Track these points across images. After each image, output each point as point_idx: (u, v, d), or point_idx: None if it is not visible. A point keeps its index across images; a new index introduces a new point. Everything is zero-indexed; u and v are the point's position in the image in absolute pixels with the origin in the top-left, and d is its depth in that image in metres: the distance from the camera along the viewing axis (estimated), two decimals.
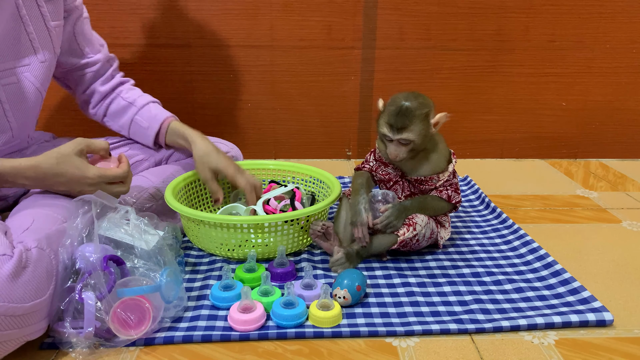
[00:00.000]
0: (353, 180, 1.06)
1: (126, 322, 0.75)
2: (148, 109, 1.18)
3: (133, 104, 1.18)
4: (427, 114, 0.95)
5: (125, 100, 1.18)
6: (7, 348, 0.70)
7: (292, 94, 1.68)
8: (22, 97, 1.00)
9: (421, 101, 0.96)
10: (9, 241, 0.73)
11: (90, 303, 0.73)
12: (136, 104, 1.18)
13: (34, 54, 1.00)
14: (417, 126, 0.95)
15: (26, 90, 1.00)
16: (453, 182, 1.04)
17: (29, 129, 1.07)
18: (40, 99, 1.06)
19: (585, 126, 1.76)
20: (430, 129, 0.97)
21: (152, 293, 0.77)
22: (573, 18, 1.63)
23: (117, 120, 1.20)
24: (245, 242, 1.00)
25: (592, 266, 1.04)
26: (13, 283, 0.68)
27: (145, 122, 1.17)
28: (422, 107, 0.95)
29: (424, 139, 0.96)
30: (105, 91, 1.18)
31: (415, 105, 0.95)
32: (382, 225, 0.98)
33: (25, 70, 0.99)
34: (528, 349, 0.78)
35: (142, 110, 1.17)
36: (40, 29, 1.01)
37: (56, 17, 1.05)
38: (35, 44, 1.00)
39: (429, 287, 0.94)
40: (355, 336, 0.81)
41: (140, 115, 1.17)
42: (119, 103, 1.19)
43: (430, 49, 1.64)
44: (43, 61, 1.02)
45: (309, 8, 1.59)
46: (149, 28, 1.57)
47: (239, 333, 0.80)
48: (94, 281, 0.75)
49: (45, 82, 1.06)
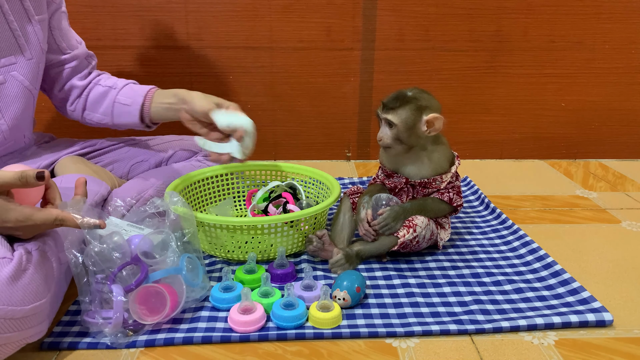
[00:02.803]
0: (365, 191, 1.07)
1: (148, 308, 0.78)
2: (129, 87, 1.13)
3: (112, 87, 1.13)
4: (420, 106, 0.95)
5: (104, 86, 1.13)
6: (7, 351, 0.70)
7: (291, 95, 1.68)
8: (11, 98, 0.97)
9: (423, 95, 0.96)
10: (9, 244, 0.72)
11: (119, 293, 0.75)
12: (116, 87, 1.13)
13: (19, 51, 0.97)
14: (405, 112, 0.95)
15: (15, 90, 0.98)
16: (455, 184, 1.04)
17: (23, 130, 1.06)
18: (32, 99, 1.04)
19: (584, 126, 1.76)
20: (421, 125, 0.96)
21: (174, 275, 0.81)
22: (572, 18, 1.63)
23: (98, 108, 1.14)
24: (245, 243, 1.00)
25: (591, 266, 1.04)
26: (12, 286, 0.67)
27: (127, 100, 1.11)
28: (418, 100, 0.95)
29: (409, 131, 0.96)
30: (83, 85, 1.14)
31: (413, 94, 0.96)
32: (380, 226, 0.98)
33: (12, 69, 0.96)
34: (528, 350, 0.78)
35: (123, 89, 1.13)
36: (25, 24, 0.98)
37: (39, 10, 1.01)
38: (21, 40, 0.97)
39: (429, 288, 0.94)
40: (355, 337, 0.81)
41: (122, 94, 1.12)
42: (98, 90, 1.14)
43: (430, 49, 1.65)
44: (30, 58, 0.99)
45: (309, 9, 1.59)
46: (149, 30, 1.58)
47: (239, 334, 0.80)
48: (125, 273, 0.78)
49: (36, 81, 1.03)
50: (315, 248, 1.01)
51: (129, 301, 0.77)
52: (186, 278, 0.82)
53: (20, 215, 0.70)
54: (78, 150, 1.18)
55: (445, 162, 1.02)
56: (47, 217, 0.71)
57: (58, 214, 0.72)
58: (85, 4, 1.53)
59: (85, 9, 1.54)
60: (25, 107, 1.02)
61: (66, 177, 1.02)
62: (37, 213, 0.71)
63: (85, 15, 1.54)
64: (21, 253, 0.71)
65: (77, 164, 1.11)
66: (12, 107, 0.99)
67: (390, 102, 0.97)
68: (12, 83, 0.97)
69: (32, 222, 0.71)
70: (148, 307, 0.79)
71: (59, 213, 0.72)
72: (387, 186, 1.07)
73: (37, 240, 0.75)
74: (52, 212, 0.72)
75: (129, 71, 1.61)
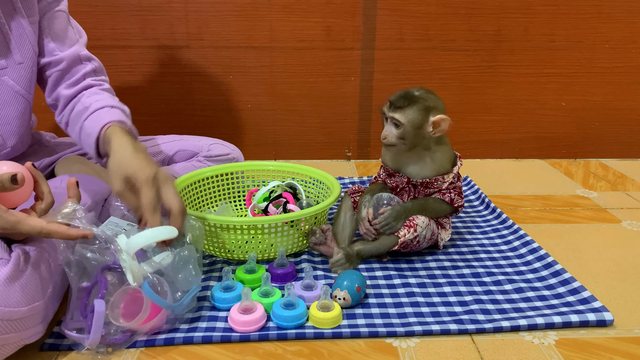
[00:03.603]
0: (366, 190, 1.07)
1: (128, 312, 0.76)
2: (98, 113, 0.95)
3: (88, 108, 0.97)
4: (428, 107, 0.95)
5: (83, 104, 0.99)
6: (5, 352, 0.70)
7: (291, 94, 1.68)
8: (2, 104, 0.93)
9: (430, 96, 0.96)
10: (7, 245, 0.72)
11: (100, 311, 0.72)
12: (90, 108, 0.96)
13: (10, 54, 0.93)
14: (413, 112, 0.95)
15: (5, 96, 0.94)
16: (457, 185, 1.04)
17: (21, 136, 1.01)
18: (27, 105, 0.99)
19: (585, 126, 1.76)
20: (427, 125, 0.96)
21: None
22: (573, 18, 1.63)
23: (73, 128, 1.00)
24: (245, 243, 1.00)
25: (592, 266, 1.04)
26: (10, 287, 0.67)
27: (90, 129, 0.95)
28: (426, 100, 0.95)
29: (415, 131, 0.96)
30: (69, 95, 1.02)
31: (420, 94, 0.95)
32: (380, 225, 0.98)
33: (3, 73, 0.93)
34: (528, 349, 0.78)
35: (93, 115, 0.96)
36: (16, 26, 0.94)
37: (31, 12, 0.97)
38: (12, 44, 0.93)
39: (429, 288, 0.94)
40: (356, 337, 0.81)
41: (89, 120, 0.96)
42: (77, 109, 0.99)
43: (430, 49, 1.64)
44: (21, 62, 0.95)
45: (309, 9, 1.59)
46: (149, 29, 1.58)
47: (239, 334, 0.80)
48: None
49: (29, 86, 0.98)
50: (317, 240, 1.01)
51: (111, 303, 0.74)
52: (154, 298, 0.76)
53: (5, 223, 0.68)
54: (79, 150, 1.18)
55: (448, 163, 1.02)
56: (32, 229, 0.69)
57: (43, 227, 0.69)
58: (85, 4, 1.53)
59: (85, 8, 1.54)
60: (21, 114, 0.97)
61: (66, 178, 1.02)
62: (22, 222, 0.69)
63: (85, 15, 1.53)
64: (18, 254, 0.70)
65: (77, 164, 1.11)
66: (5, 114, 0.95)
67: (398, 100, 0.96)
68: (2, 89, 0.93)
69: (17, 230, 0.69)
70: (129, 311, 0.76)
71: (44, 226, 0.69)
72: (388, 185, 1.07)
73: (34, 241, 0.75)
74: (37, 223, 0.70)
75: (129, 71, 1.61)
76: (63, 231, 0.71)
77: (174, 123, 1.60)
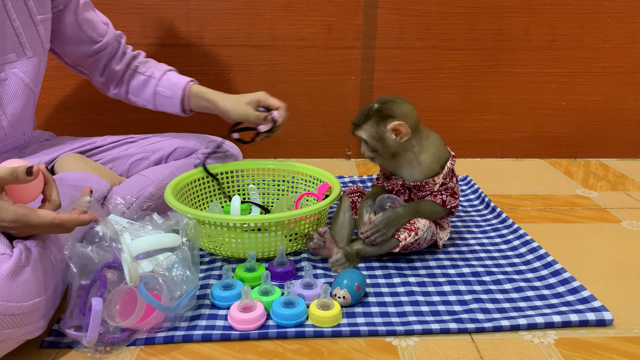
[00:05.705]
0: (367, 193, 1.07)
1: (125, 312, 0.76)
2: (167, 78, 1.20)
3: (152, 76, 1.20)
4: (382, 117, 0.95)
5: (144, 74, 1.21)
6: (6, 347, 0.70)
7: (292, 93, 1.67)
8: (11, 95, 0.99)
9: (386, 105, 0.96)
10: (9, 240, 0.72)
11: (98, 309, 0.72)
12: (154, 76, 1.20)
13: (21, 49, 0.98)
14: (369, 127, 0.97)
15: (15, 87, 0.99)
16: (449, 186, 1.03)
17: (23, 127, 1.06)
18: (33, 97, 1.05)
19: (585, 126, 1.76)
20: (388, 134, 0.96)
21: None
22: (573, 18, 1.63)
23: (141, 95, 1.22)
24: (245, 241, 1.00)
25: (592, 266, 1.04)
26: (12, 282, 0.67)
27: (168, 92, 1.19)
28: (381, 111, 0.95)
29: (380, 142, 0.96)
30: (121, 70, 1.20)
31: (377, 107, 0.96)
32: (371, 232, 0.97)
33: (13, 66, 0.98)
34: (528, 349, 0.78)
35: (162, 80, 1.20)
36: (27, 23, 0.99)
37: (43, 10, 1.03)
38: (22, 39, 0.98)
39: (429, 287, 0.94)
40: (355, 335, 0.81)
41: (161, 85, 1.19)
42: (139, 78, 1.21)
43: (431, 48, 1.64)
44: (31, 57, 1.00)
45: (309, 7, 1.59)
46: (149, 28, 1.57)
47: (239, 332, 0.80)
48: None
49: (37, 79, 1.05)
50: (316, 245, 1.01)
51: (107, 302, 0.74)
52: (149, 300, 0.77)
53: (15, 215, 0.69)
54: (78, 148, 1.18)
55: (436, 164, 1.01)
56: (43, 220, 0.70)
57: (54, 217, 0.71)
58: None
59: None
60: (25, 104, 1.02)
61: (66, 175, 1.02)
62: (32, 213, 0.70)
63: None
64: (21, 249, 0.71)
65: (77, 162, 1.11)
66: (12, 104, 1.00)
67: (356, 119, 0.99)
68: (13, 80, 0.98)
69: (26, 222, 0.70)
70: (126, 310, 0.76)
71: (55, 216, 0.71)
72: (386, 188, 1.07)
73: (36, 237, 0.75)
74: (47, 214, 0.71)
75: None
76: (75, 218, 0.73)
77: (173, 121, 1.58)
